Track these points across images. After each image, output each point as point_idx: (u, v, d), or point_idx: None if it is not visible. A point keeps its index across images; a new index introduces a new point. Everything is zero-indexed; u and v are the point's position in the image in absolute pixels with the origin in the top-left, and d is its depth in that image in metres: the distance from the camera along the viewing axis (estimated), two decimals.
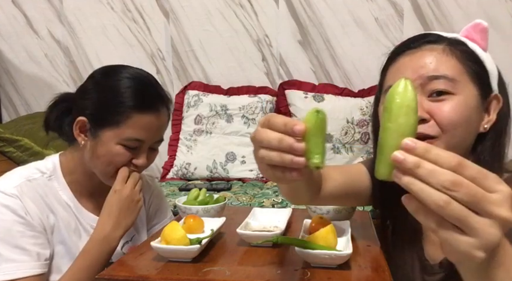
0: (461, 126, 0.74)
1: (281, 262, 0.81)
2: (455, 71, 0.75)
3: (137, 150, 0.97)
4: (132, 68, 0.99)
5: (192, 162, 1.99)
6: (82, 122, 0.95)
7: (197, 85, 2.15)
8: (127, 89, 0.94)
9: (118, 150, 0.94)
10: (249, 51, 2.14)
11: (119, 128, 0.93)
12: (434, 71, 0.75)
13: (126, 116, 0.93)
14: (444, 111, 0.74)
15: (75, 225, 0.99)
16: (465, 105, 0.74)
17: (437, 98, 0.75)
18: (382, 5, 2.03)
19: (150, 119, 0.95)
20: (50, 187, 0.97)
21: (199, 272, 0.76)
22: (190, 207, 1.06)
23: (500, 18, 1.96)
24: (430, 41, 0.79)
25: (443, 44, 0.78)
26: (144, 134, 0.95)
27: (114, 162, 0.96)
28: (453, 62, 0.76)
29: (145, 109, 0.94)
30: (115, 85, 0.95)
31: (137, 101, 0.94)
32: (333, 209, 1.03)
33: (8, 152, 1.78)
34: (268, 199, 1.52)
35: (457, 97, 0.74)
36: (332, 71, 2.11)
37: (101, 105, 0.95)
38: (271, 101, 2.05)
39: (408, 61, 0.80)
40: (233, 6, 2.13)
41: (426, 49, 0.78)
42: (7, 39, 2.30)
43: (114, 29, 2.21)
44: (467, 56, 0.76)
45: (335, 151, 1.94)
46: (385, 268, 0.78)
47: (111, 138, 0.94)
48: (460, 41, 0.79)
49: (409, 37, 0.84)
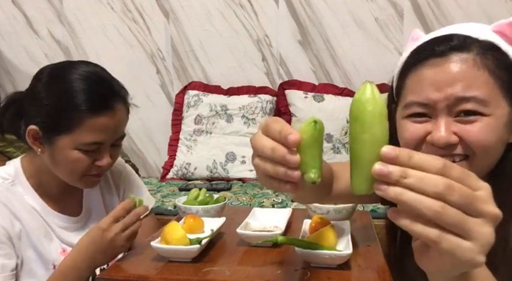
0: (493, 148, 0.67)
1: (281, 262, 0.81)
2: (488, 90, 0.65)
3: (98, 151, 0.91)
4: (81, 66, 0.92)
5: (192, 162, 1.99)
6: (34, 131, 0.89)
7: (197, 85, 2.15)
8: (79, 92, 0.88)
9: (76, 156, 0.89)
10: (249, 51, 2.14)
11: (73, 133, 0.87)
12: (464, 92, 0.66)
13: (78, 121, 0.87)
14: (475, 134, 0.66)
15: (44, 229, 0.94)
16: (497, 126, 0.66)
17: (466, 118, 0.66)
18: (382, 5, 2.03)
19: (105, 120, 0.89)
20: (13, 192, 0.92)
21: (199, 272, 0.76)
22: (190, 207, 1.06)
23: (500, 18, 1.96)
24: (457, 48, 0.68)
25: (474, 51, 0.67)
26: (101, 135, 0.90)
27: (75, 168, 0.91)
28: (485, 77, 0.66)
29: (99, 111, 0.88)
30: (65, 88, 0.88)
31: (90, 104, 0.87)
32: (333, 209, 1.03)
33: (8, 152, 1.78)
34: (268, 199, 1.52)
35: (488, 119, 0.66)
36: (332, 71, 2.11)
37: (52, 111, 0.88)
38: (271, 101, 2.05)
39: (433, 74, 0.68)
40: (233, 6, 2.13)
41: (454, 60, 0.67)
42: (7, 39, 2.30)
43: (114, 29, 2.21)
44: (500, 64, 0.67)
45: (335, 151, 1.94)
46: (385, 268, 0.77)
47: (67, 144, 0.88)
48: (492, 45, 0.68)
49: (431, 37, 0.73)
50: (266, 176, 0.51)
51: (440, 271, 0.47)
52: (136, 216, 0.86)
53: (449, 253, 0.42)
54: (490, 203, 0.43)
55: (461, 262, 0.42)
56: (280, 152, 0.47)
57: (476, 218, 0.42)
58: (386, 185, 0.41)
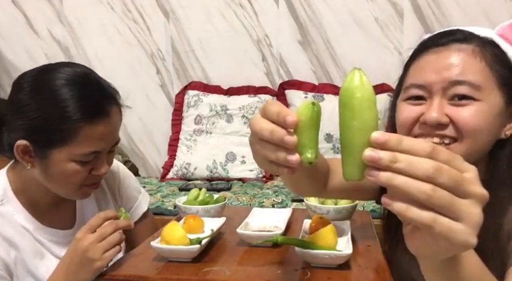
0: (482, 134, 0.71)
1: (281, 262, 0.81)
2: (482, 77, 0.70)
3: (95, 161, 0.85)
4: (65, 69, 0.84)
5: (192, 162, 1.99)
6: (23, 146, 0.81)
7: (197, 85, 2.15)
8: (69, 99, 0.80)
9: (73, 168, 0.82)
10: (249, 51, 2.14)
11: (68, 145, 0.80)
12: (459, 76, 0.71)
13: (74, 132, 0.80)
14: (465, 117, 0.70)
15: (36, 248, 0.89)
16: (488, 113, 0.70)
17: (458, 102, 0.70)
18: (382, 5, 2.03)
19: (102, 127, 0.83)
20: (3, 214, 0.86)
21: (199, 272, 0.76)
22: (190, 207, 1.06)
23: (500, 18, 1.96)
24: (458, 40, 0.73)
25: (473, 44, 0.72)
26: (99, 144, 0.83)
27: (72, 180, 0.84)
28: (481, 65, 0.71)
29: (95, 118, 0.81)
30: (53, 97, 0.80)
31: (84, 111, 0.80)
32: (333, 209, 1.03)
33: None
34: (268, 199, 1.52)
35: (480, 104, 0.70)
36: (332, 71, 2.11)
37: (41, 124, 0.80)
38: None
39: (433, 60, 0.73)
40: (233, 6, 2.13)
41: (454, 49, 0.72)
42: (7, 39, 2.30)
43: (114, 29, 2.21)
44: (498, 59, 0.72)
45: (335, 151, 1.94)
46: (385, 268, 0.78)
47: (62, 157, 0.81)
48: (492, 41, 0.73)
49: (436, 32, 0.78)
50: (265, 160, 0.51)
51: (433, 254, 0.47)
52: (113, 227, 0.79)
53: (443, 236, 0.42)
54: (477, 185, 0.43)
55: (454, 244, 0.43)
56: (278, 134, 0.47)
57: (465, 199, 0.42)
58: (377, 171, 0.42)
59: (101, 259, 0.77)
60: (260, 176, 1.96)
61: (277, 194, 1.60)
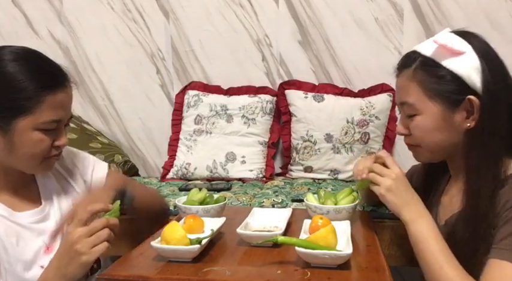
0: (431, 137, 0.93)
1: (281, 262, 0.81)
2: (415, 96, 0.92)
3: (55, 131, 0.92)
4: (11, 47, 0.90)
5: (192, 162, 1.99)
6: None
7: (197, 85, 2.15)
8: (26, 72, 0.87)
9: (38, 136, 0.89)
10: (249, 51, 2.14)
11: (33, 113, 0.87)
12: (400, 98, 0.96)
13: (38, 100, 0.87)
14: (413, 129, 0.95)
15: (15, 232, 0.91)
16: (428, 121, 0.91)
17: (409, 117, 0.95)
18: (382, 5, 2.03)
19: (62, 96, 0.90)
20: None
21: (199, 272, 0.76)
22: (190, 207, 1.06)
23: (500, 18, 1.96)
24: (404, 65, 0.95)
25: (413, 66, 0.92)
26: (60, 113, 0.91)
27: (37, 150, 0.90)
28: (414, 87, 0.92)
29: (54, 87, 0.89)
30: (9, 71, 0.86)
31: (43, 81, 0.88)
32: (333, 209, 1.03)
33: None
34: (268, 199, 1.52)
35: (420, 116, 0.92)
36: (332, 71, 2.10)
37: (1, 97, 0.87)
38: (271, 101, 2.05)
39: (395, 84, 0.99)
40: (233, 6, 2.13)
41: (401, 75, 0.96)
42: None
43: (114, 29, 2.21)
44: (430, 77, 0.90)
45: (335, 151, 1.94)
46: (385, 268, 0.78)
47: (27, 126, 0.87)
48: (429, 60, 0.90)
49: (403, 55, 0.98)
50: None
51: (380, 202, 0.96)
52: (102, 223, 0.82)
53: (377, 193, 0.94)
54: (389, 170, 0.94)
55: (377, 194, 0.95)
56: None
57: (383, 177, 0.94)
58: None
59: (88, 253, 0.80)
60: (260, 176, 1.96)
61: (277, 194, 1.60)
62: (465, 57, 0.87)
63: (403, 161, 1.23)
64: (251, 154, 1.99)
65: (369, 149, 1.96)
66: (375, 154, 1.02)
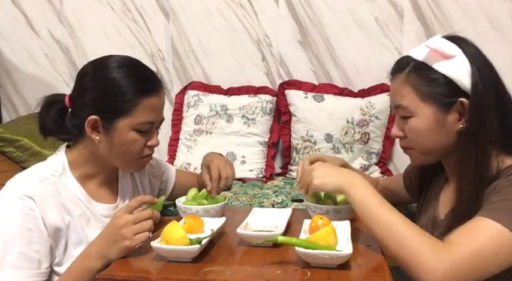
0: (425, 139, 0.95)
1: (281, 262, 0.81)
2: (409, 99, 0.94)
3: (149, 132, 1.03)
4: (117, 56, 1.05)
5: (192, 162, 1.99)
6: (94, 120, 0.99)
7: (197, 85, 2.15)
8: (126, 77, 0.99)
9: (134, 136, 1.00)
10: (249, 51, 2.14)
11: (131, 115, 0.99)
12: (395, 101, 0.98)
13: (135, 103, 0.98)
14: (407, 131, 0.97)
15: (87, 217, 1.02)
16: (422, 123, 0.93)
17: (403, 119, 0.97)
18: (382, 5, 2.03)
19: (155, 100, 1.02)
20: (61, 185, 1.00)
21: (199, 272, 0.76)
22: (190, 207, 1.06)
23: (500, 18, 1.96)
24: (397, 70, 0.97)
25: (406, 70, 0.95)
26: (153, 115, 1.02)
27: (133, 149, 1.01)
28: (407, 90, 0.94)
29: (150, 92, 1.01)
30: (112, 77, 1.00)
31: (141, 86, 1.00)
32: (332, 209, 1.03)
33: (8, 152, 1.78)
34: (268, 199, 1.52)
35: (414, 119, 0.94)
36: (332, 71, 2.10)
37: (106, 99, 0.99)
38: (271, 101, 2.05)
39: (390, 88, 1.01)
40: (233, 6, 2.13)
41: (394, 79, 0.98)
42: (7, 39, 2.29)
43: (114, 29, 2.21)
44: (422, 80, 0.92)
45: (335, 151, 1.94)
46: (385, 268, 0.78)
47: (125, 126, 0.99)
48: (422, 65, 0.93)
49: (397, 60, 1.00)
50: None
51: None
52: (148, 214, 0.90)
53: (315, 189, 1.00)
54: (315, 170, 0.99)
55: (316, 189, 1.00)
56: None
57: (309, 176, 0.98)
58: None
59: (131, 238, 0.86)
60: (260, 176, 1.96)
61: (277, 194, 1.60)
62: (456, 61, 0.90)
63: (403, 161, 1.23)
64: (251, 154, 1.99)
65: (369, 149, 1.96)
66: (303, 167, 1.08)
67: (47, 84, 2.27)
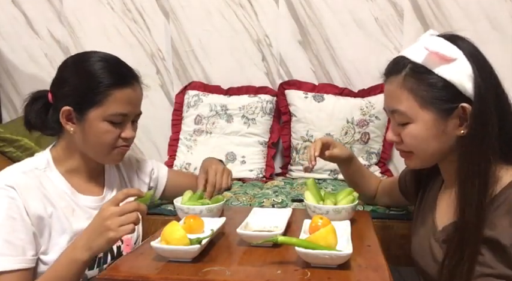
0: (423, 145, 0.90)
1: (281, 262, 0.81)
2: (407, 105, 0.89)
3: (122, 124, 1.05)
4: (99, 52, 1.08)
5: (192, 162, 1.99)
6: (67, 111, 1.02)
7: (197, 85, 2.14)
8: (102, 70, 1.02)
9: (106, 127, 1.02)
10: (249, 51, 2.14)
11: (102, 106, 1.01)
12: (391, 106, 0.93)
13: (107, 94, 1.01)
14: (405, 137, 0.92)
15: (72, 209, 1.04)
16: (421, 129, 0.89)
17: (400, 125, 0.92)
18: (382, 5, 2.03)
19: (128, 92, 1.04)
20: (45, 178, 1.02)
21: (199, 272, 0.76)
22: (193, 207, 1.06)
23: (500, 18, 1.96)
24: (393, 72, 0.92)
25: (403, 73, 0.89)
26: (126, 107, 1.04)
27: (105, 139, 1.03)
28: (405, 95, 0.89)
29: (123, 84, 1.03)
30: (90, 69, 1.03)
31: (114, 78, 1.02)
32: (332, 209, 1.03)
33: (8, 152, 1.78)
34: (268, 199, 1.52)
35: (412, 125, 0.90)
36: (332, 71, 2.10)
37: (81, 90, 1.02)
38: (271, 101, 2.05)
39: (384, 91, 0.97)
40: (233, 6, 2.13)
41: (389, 81, 0.93)
42: (7, 39, 2.29)
43: (114, 29, 2.21)
44: (421, 85, 0.87)
45: None
46: (385, 268, 0.78)
47: (97, 117, 1.01)
48: (419, 67, 0.88)
49: (390, 61, 0.96)
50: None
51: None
52: (133, 206, 0.90)
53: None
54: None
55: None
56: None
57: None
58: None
59: (116, 230, 0.87)
60: (260, 176, 1.96)
61: (277, 194, 1.60)
62: (457, 64, 0.85)
63: (403, 161, 1.23)
64: (251, 154, 1.99)
65: (369, 149, 1.96)
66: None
67: (47, 85, 2.25)
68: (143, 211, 0.93)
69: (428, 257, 0.97)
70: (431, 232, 0.99)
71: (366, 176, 1.34)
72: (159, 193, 1.33)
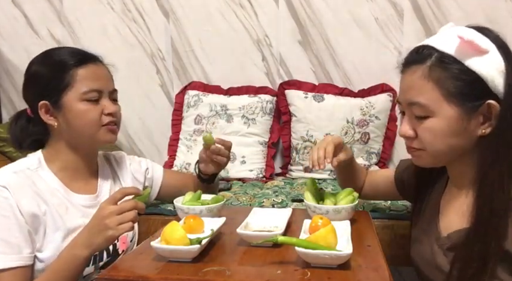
0: (441, 142, 0.84)
1: (281, 262, 0.81)
2: (430, 97, 0.82)
3: (100, 101, 1.06)
4: (62, 47, 1.15)
5: (192, 162, 1.99)
6: (44, 105, 1.04)
7: (197, 85, 2.15)
8: (62, 56, 1.06)
9: (84, 106, 1.03)
10: (249, 51, 2.14)
11: (73, 87, 1.03)
12: (411, 98, 0.85)
13: (73, 74, 1.03)
14: (422, 132, 0.85)
15: (65, 206, 1.04)
16: (442, 125, 0.82)
17: (419, 118, 0.85)
18: (382, 5, 2.03)
19: (93, 69, 1.07)
20: (37, 177, 1.02)
21: (199, 272, 0.76)
22: (194, 207, 1.06)
23: (500, 18, 1.96)
24: (416, 61, 0.85)
25: (427, 63, 0.83)
26: (95, 83, 1.05)
27: (88, 118, 1.04)
28: (429, 86, 0.82)
29: (84, 62, 1.05)
30: (53, 59, 1.07)
31: (75, 59, 1.05)
32: (332, 209, 1.03)
33: (8, 152, 1.78)
34: (268, 199, 1.52)
35: (434, 119, 0.83)
36: (332, 71, 2.10)
37: (49, 79, 1.04)
38: (271, 101, 2.05)
39: (401, 81, 0.89)
40: (233, 6, 2.13)
41: (410, 71, 0.85)
42: (7, 39, 2.30)
43: (114, 29, 2.21)
44: (448, 75, 0.81)
45: None
46: (385, 268, 0.78)
47: (72, 99, 1.03)
48: (448, 57, 0.81)
49: (412, 49, 0.89)
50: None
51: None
52: (131, 205, 0.91)
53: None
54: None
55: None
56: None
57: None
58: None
59: (115, 228, 0.89)
60: (260, 176, 1.96)
61: (277, 194, 1.60)
62: (489, 57, 0.80)
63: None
64: (251, 154, 1.99)
65: (369, 149, 1.96)
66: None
67: None
68: (141, 209, 0.94)
69: (431, 264, 0.93)
70: (434, 238, 0.94)
71: (359, 169, 1.26)
72: (154, 193, 1.32)
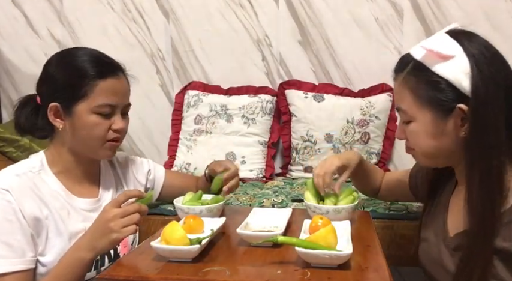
0: (424, 143, 0.89)
1: (281, 262, 0.81)
2: (408, 103, 0.89)
3: (111, 116, 1.04)
4: (83, 48, 1.08)
5: (192, 162, 1.99)
6: (54, 107, 1.01)
7: (197, 85, 2.15)
8: (84, 63, 1.02)
9: (94, 119, 1.01)
10: (249, 51, 2.14)
11: (88, 98, 1.00)
12: (397, 104, 0.93)
13: (91, 85, 1.00)
14: (408, 135, 0.92)
15: (67, 210, 1.03)
16: (421, 128, 0.88)
17: (405, 123, 0.92)
18: (382, 5, 2.03)
19: (113, 83, 1.03)
20: (39, 180, 1.01)
21: (199, 272, 0.76)
22: (194, 207, 1.06)
23: (500, 18, 1.96)
24: (398, 70, 0.92)
25: (405, 71, 0.89)
26: (112, 98, 1.02)
27: (95, 132, 1.02)
28: (406, 93, 0.89)
29: (106, 75, 1.02)
30: (73, 64, 1.02)
31: (97, 70, 1.01)
32: (332, 209, 1.03)
33: (8, 152, 1.78)
34: (268, 199, 1.52)
35: (414, 124, 0.89)
36: (332, 71, 2.10)
37: (66, 84, 1.01)
38: (271, 101, 2.05)
39: (393, 88, 0.97)
40: (233, 6, 2.13)
41: (396, 79, 0.93)
42: (7, 39, 2.30)
43: (114, 29, 2.21)
44: (421, 81, 0.86)
45: (335, 151, 1.94)
46: (385, 268, 0.78)
47: (84, 110, 1.00)
48: (420, 65, 0.86)
49: (400, 58, 0.95)
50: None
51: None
52: (135, 208, 0.91)
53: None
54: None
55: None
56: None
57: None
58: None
59: (119, 231, 0.89)
60: (260, 176, 1.96)
61: (277, 194, 1.60)
62: (454, 62, 0.82)
63: (403, 161, 1.23)
64: (251, 154, 1.99)
65: (369, 149, 1.96)
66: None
67: None
68: (144, 212, 0.93)
69: (438, 264, 0.93)
70: (441, 238, 0.94)
71: (372, 171, 1.28)
72: (156, 194, 1.32)
